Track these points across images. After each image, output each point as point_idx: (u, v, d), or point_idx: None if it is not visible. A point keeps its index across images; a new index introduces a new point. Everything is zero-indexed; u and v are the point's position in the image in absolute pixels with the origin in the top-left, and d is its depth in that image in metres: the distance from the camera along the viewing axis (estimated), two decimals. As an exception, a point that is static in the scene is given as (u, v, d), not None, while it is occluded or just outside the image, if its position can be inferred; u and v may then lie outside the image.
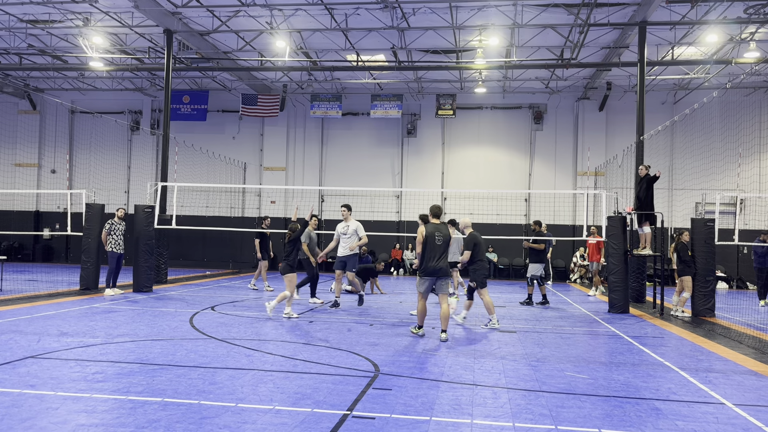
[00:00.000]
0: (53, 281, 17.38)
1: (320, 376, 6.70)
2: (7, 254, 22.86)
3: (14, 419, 4.89)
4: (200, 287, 17.07)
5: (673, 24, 17.46)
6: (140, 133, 27.49)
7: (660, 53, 20.68)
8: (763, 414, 5.71)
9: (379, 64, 22.52)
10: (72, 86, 26.91)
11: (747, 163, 23.22)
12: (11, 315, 10.57)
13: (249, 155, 27.12)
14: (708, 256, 13.23)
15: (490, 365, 7.58)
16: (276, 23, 19.04)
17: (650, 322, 12.16)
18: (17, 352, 7.46)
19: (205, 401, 5.56)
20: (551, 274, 22.68)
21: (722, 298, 17.64)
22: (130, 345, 8.19)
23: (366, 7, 17.71)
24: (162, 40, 20.56)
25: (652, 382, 6.85)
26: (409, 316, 11.80)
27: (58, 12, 18.81)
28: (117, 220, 14.46)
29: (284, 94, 26.03)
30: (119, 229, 14.45)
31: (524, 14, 17.77)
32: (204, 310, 11.98)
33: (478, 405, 5.73)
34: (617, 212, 15.79)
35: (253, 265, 24.75)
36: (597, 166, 24.56)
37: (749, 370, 7.75)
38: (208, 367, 7.00)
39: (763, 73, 22.11)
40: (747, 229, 20.56)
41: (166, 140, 19.31)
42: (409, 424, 5.05)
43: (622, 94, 24.71)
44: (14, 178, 27.55)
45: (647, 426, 5.20)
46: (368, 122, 26.29)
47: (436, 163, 26.11)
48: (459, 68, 21.71)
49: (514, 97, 25.52)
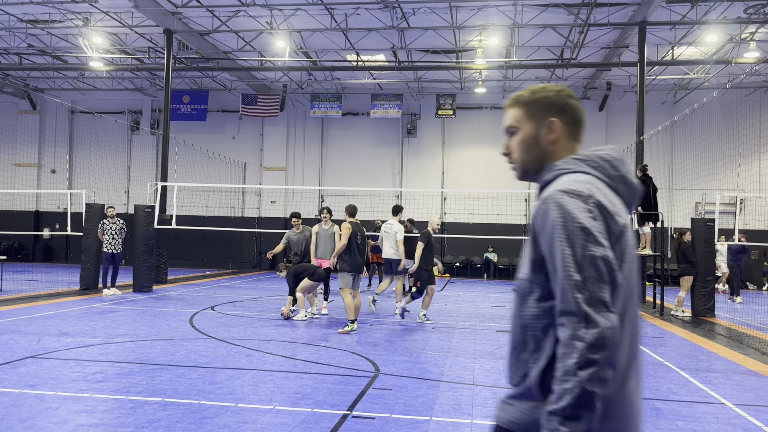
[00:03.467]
0: (53, 281, 17.38)
1: (320, 376, 6.70)
2: (7, 254, 22.86)
3: (14, 419, 4.89)
4: (200, 287, 17.07)
5: (673, 24, 17.46)
6: (140, 133, 27.49)
7: (660, 53, 20.68)
8: (763, 414, 5.71)
9: (379, 64, 22.52)
10: (72, 86, 26.90)
11: (747, 163, 23.21)
12: (11, 315, 10.57)
13: (249, 155, 27.12)
14: (708, 256, 13.23)
15: (490, 365, 7.58)
16: (276, 23, 19.04)
17: (650, 322, 12.16)
18: (17, 352, 7.46)
19: (205, 401, 5.56)
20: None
21: (722, 298, 17.63)
22: (130, 345, 8.19)
23: (366, 7, 17.71)
24: (162, 40, 20.55)
25: (652, 382, 6.85)
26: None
27: (58, 12, 18.81)
28: (109, 220, 14.43)
29: (284, 94, 26.03)
30: (112, 229, 14.39)
31: (524, 14, 17.77)
32: (204, 310, 11.98)
33: (478, 405, 5.73)
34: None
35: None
36: (597, 166, 24.55)
37: (749, 370, 7.75)
38: (208, 367, 7.00)
39: (763, 73, 22.10)
40: (747, 229, 20.56)
41: (166, 140, 19.31)
42: (409, 424, 5.05)
43: (622, 94, 24.70)
44: (14, 178, 27.54)
45: (647, 426, 5.20)
46: (368, 122, 26.29)
47: (436, 163, 26.11)
48: (459, 68, 21.70)
49: (514, 97, 25.48)
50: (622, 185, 1.77)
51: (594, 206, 1.62)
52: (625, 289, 1.66)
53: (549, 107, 1.85)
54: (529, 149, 1.86)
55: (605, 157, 1.78)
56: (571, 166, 1.77)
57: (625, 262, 1.67)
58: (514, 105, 1.90)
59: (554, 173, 1.78)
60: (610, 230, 1.62)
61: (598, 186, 1.69)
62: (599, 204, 1.63)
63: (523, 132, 1.86)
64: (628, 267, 1.68)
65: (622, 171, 1.78)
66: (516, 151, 1.88)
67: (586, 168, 1.75)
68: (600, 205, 1.63)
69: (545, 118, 1.85)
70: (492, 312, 13.14)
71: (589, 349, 1.50)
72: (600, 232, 1.60)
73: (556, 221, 1.61)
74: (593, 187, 1.67)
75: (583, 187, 1.65)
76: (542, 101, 1.86)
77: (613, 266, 1.59)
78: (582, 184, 1.67)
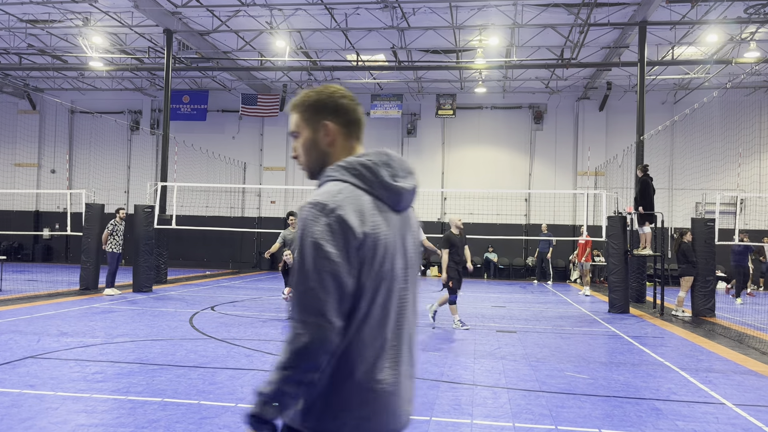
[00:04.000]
0: (53, 281, 17.38)
1: (320, 376, 6.69)
2: (7, 254, 22.86)
3: (14, 419, 4.88)
4: (200, 287, 17.07)
5: (673, 24, 17.46)
6: (140, 133, 27.48)
7: (660, 53, 20.67)
8: (763, 414, 5.71)
9: (379, 64, 22.51)
10: (72, 86, 26.90)
11: (747, 163, 23.20)
12: (11, 315, 10.57)
13: (249, 155, 27.11)
14: (708, 256, 13.22)
15: (490, 365, 7.58)
16: (276, 23, 19.03)
17: (650, 322, 12.16)
18: (17, 352, 7.45)
19: (205, 401, 5.55)
20: (551, 274, 22.68)
21: (722, 298, 17.63)
22: (130, 345, 8.18)
23: (366, 7, 17.70)
24: (162, 40, 20.55)
25: (652, 382, 6.84)
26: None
27: (57, 12, 18.80)
28: (119, 221, 14.45)
29: (284, 94, 26.02)
30: (121, 230, 14.44)
31: (524, 14, 17.77)
32: (204, 310, 11.97)
33: (478, 405, 5.73)
34: (617, 212, 15.79)
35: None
36: (597, 166, 24.56)
37: (749, 370, 7.74)
38: (208, 367, 6.99)
39: (763, 73, 22.10)
40: (747, 229, 20.54)
41: (166, 140, 19.30)
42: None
43: (622, 94, 24.70)
44: (14, 178, 27.54)
45: (647, 426, 5.20)
46: (368, 122, 26.19)
47: (436, 163, 26.11)
48: (459, 68, 21.70)
49: (514, 97, 25.52)
50: (382, 190, 1.86)
51: (334, 220, 1.74)
52: (372, 291, 1.80)
53: (321, 110, 1.94)
54: (310, 152, 1.97)
55: (365, 163, 1.87)
56: (335, 174, 1.87)
57: (371, 265, 1.79)
58: (293, 110, 2.00)
59: (323, 180, 1.91)
60: (348, 242, 1.74)
61: (352, 195, 1.81)
62: (340, 218, 1.74)
63: (303, 136, 1.97)
64: (377, 267, 1.81)
65: (381, 176, 1.86)
66: (301, 154, 1.99)
67: (346, 176, 1.85)
68: (341, 219, 1.74)
69: (319, 121, 1.94)
70: (492, 312, 13.14)
71: (294, 355, 1.69)
72: (334, 246, 1.73)
73: (299, 229, 1.78)
74: (343, 198, 1.79)
75: (331, 199, 1.78)
76: (315, 105, 1.95)
77: (341, 278, 1.73)
78: (332, 195, 1.79)
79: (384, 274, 1.83)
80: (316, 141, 1.95)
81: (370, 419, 1.81)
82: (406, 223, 1.96)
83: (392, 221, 1.88)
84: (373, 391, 1.81)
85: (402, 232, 1.92)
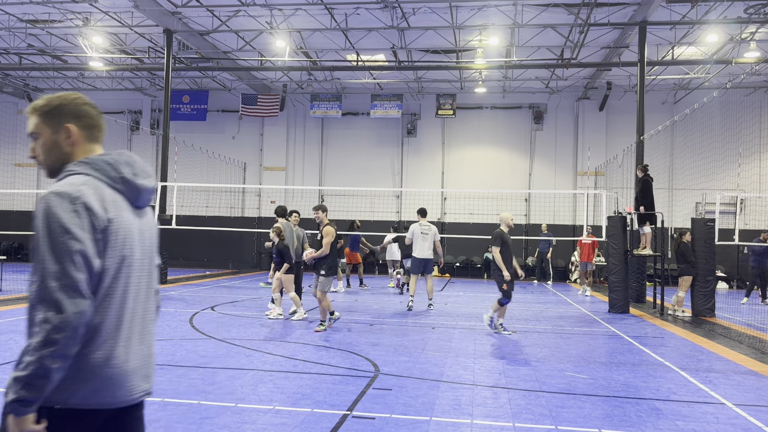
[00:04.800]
0: (53, 281, 17.35)
1: (320, 376, 6.70)
2: (7, 254, 22.86)
3: (14, 419, 4.88)
4: (200, 287, 17.07)
5: (673, 24, 17.46)
6: (140, 133, 27.48)
7: (660, 53, 20.68)
8: (763, 414, 5.71)
9: (379, 64, 22.51)
10: (72, 86, 26.90)
11: (747, 163, 23.20)
12: (11, 315, 10.57)
13: (249, 155, 27.12)
14: (708, 256, 13.22)
15: (490, 365, 7.58)
16: (276, 23, 19.03)
17: (650, 322, 12.16)
18: (17, 352, 7.45)
19: (205, 401, 5.56)
20: (551, 274, 22.68)
21: (722, 298, 17.64)
22: (130, 345, 8.17)
23: (366, 7, 17.70)
24: (162, 40, 20.55)
25: (652, 382, 6.85)
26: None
27: (57, 12, 18.80)
28: None
29: (284, 94, 26.03)
30: None
31: (524, 14, 17.76)
32: (204, 310, 11.98)
33: (478, 405, 5.73)
34: (617, 212, 15.79)
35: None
36: (597, 166, 24.56)
37: (749, 370, 7.75)
38: (208, 367, 7.00)
39: (763, 73, 22.10)
40: (747, 229, 20.55)
41: (166, 140, 19.31)
42: (409, 424, 5.05)
43: (622, 94, 24.70)
44: (14, 178, 27.54)
45: (647, 426, 5.20)
46: (368, 122, 26.28)
47: (436, 163, 26.10)
48: (459, 68, 21.70)
49: (514, 97, 25.52)
50: (123, 185, 2.09)
51: (80, 206, 1.92)
52: (114, 273, 2.00)
53: (65, 114, 2.11)
54: (50, 152, 2.12)
55: (109, 160, 2.09)
56: (77, 169, 2.05)
57: (113, 248, 2.00)
58: (33, 113, 2.14)
59: (64, 174, 2.06)
60: (94, 226, 1.94)
61: (94, 186, 2.00)
62: (85, 204, 1.93)
63: (43, 137, 2.12)
64: (118, 251, 2.02)
65: (123, 172, 2.09)
66: (40, 154, 2.14)
67: (89, 170, 2.05)
68: (86, 205, 1.93)
69: (62, 124, 2.11)
70: (492, 312, 13.11)
71: (55, 330, 1.81)
72: (81, 229, 1.91)
73: (41, 218, 1.90)
74: (87, 188, 1.97)
75: (75, 189, 1.95)
76: (58, 109, 2.12)
77: (89, 257, 1.91)
78: (75, 186, 1.96)
79: (124, 259, 2.04)
80: (58, 142, 2.11)
81: (98, 392, 1.96)
82: (143, 218, 2.18)
83: (132, 214, 2.10)
84: (105, 366, 1.97)
85: (140, 227, 2.13)
